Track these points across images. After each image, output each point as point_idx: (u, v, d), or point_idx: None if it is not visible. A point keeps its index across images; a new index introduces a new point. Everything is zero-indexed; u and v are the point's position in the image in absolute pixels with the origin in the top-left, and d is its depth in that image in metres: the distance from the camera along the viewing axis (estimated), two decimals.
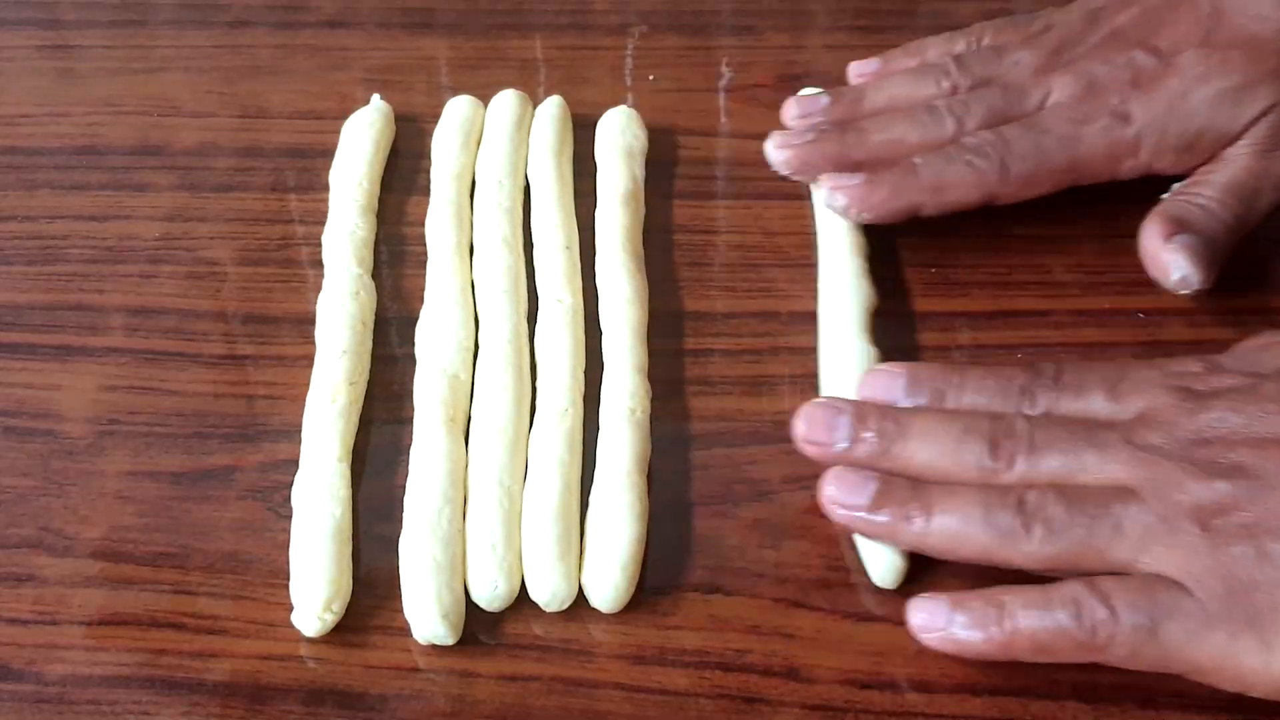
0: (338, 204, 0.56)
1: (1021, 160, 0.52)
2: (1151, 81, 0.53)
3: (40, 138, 0.61)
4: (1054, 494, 0.41)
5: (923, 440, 0.43)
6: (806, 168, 0.54)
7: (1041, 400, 0.44)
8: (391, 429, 0.49)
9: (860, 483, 0.43)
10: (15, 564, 0.46)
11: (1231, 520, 0.39)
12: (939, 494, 0.42)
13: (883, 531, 0.43)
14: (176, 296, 0.54)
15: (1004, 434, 0.42)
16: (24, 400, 0.51)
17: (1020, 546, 0.40)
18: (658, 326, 0.52)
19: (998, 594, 0.40)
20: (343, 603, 0.44)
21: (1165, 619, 0.38)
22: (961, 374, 0.45)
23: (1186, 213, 0.51)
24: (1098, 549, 0.40)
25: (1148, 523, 0.39)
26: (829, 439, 0.44)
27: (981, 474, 0.42)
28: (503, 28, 0.67)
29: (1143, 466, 0.40)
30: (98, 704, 0.42)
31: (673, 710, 0.42)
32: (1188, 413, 0.41)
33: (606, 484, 0.46)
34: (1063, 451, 0.41)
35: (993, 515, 0.41)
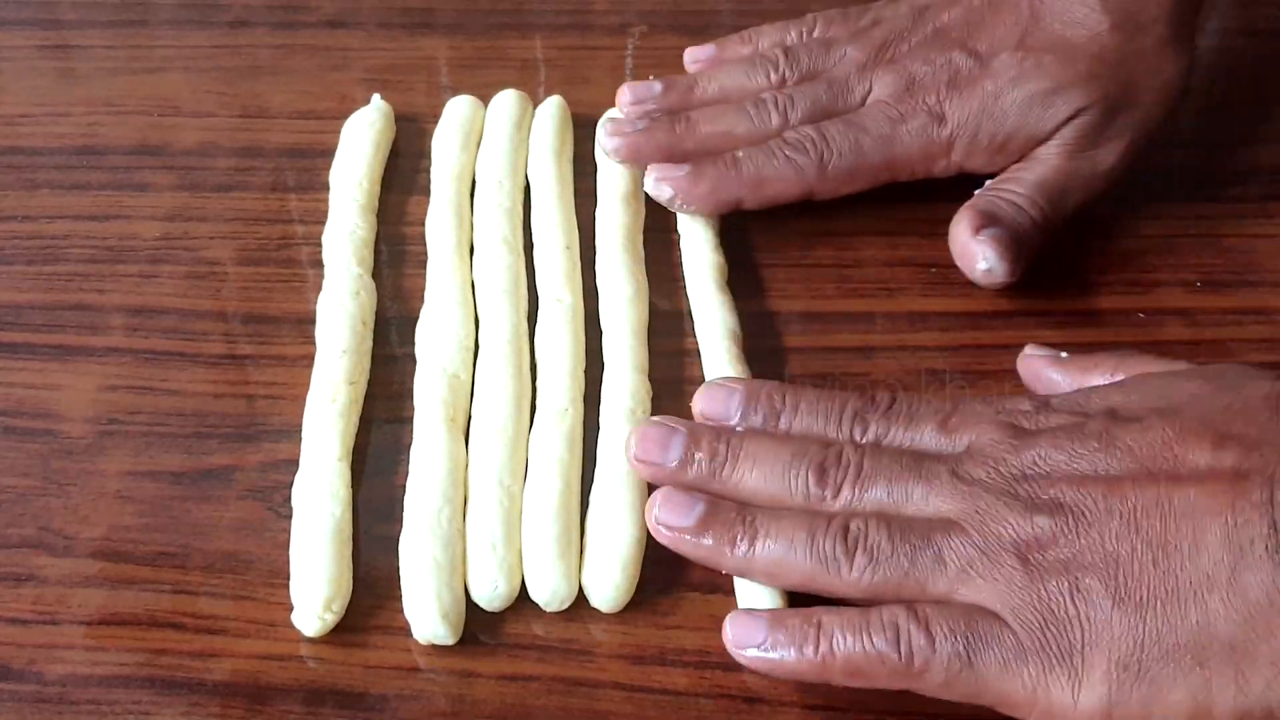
0: (338, 204, 0.56)
1: (839, 157, 0.53)
2: (967, 82, 0.54)
3: (40, 138, 0.61)
4: (877, 523, 0.40)
5: (753, 464, 0.43)
6: (637, 156, 0.55)
7: (873, 428, 0.44)
8: (391, 429, 0.49)
9: (688, 504, 0.43)
10: (15, 564, 0.46)
11: (1049, 555, 0.39)
12: (764, 519, 0.42)
13: (707, 555, 0.42)
14: (176, 296, 0.54)
15: (832, 462, 0.42)
16: (24, 400, 0.51)
17: (843, 575, 0.40)
18: (658, 326, 0.52)
19: (816, 613, 0.40)
20: (343, 603, 0.44)
21: (982, 648, 0.38)
22: (796, 394, 0.45)
23: (996, 208, 0.53)
24: (919, 579, 0.40)
25: (969, 555, 0.39)
26: (661, 458, 0.44)
27: (808, 501, 0.42)
28: (503, 28, 0.67)
29: (966, 499, 0.40)
30: (98, 704, 0.42)
31: (673, 710, 0.42)
32: (1013, 449, 0.41)
33: (606, 484, 0.46)
34: (889, 482, 0.41)
35: (816, 542, 0.41)
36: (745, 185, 0.54)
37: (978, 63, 0.54)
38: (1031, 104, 0.53)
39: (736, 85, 0.57)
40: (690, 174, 0.53)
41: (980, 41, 0.55)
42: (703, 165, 0.54)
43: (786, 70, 0.57)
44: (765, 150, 0.54)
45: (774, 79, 0.57)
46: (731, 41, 0.60)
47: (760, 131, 0.55)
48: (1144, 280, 0.54)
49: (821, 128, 0.54)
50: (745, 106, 0.55)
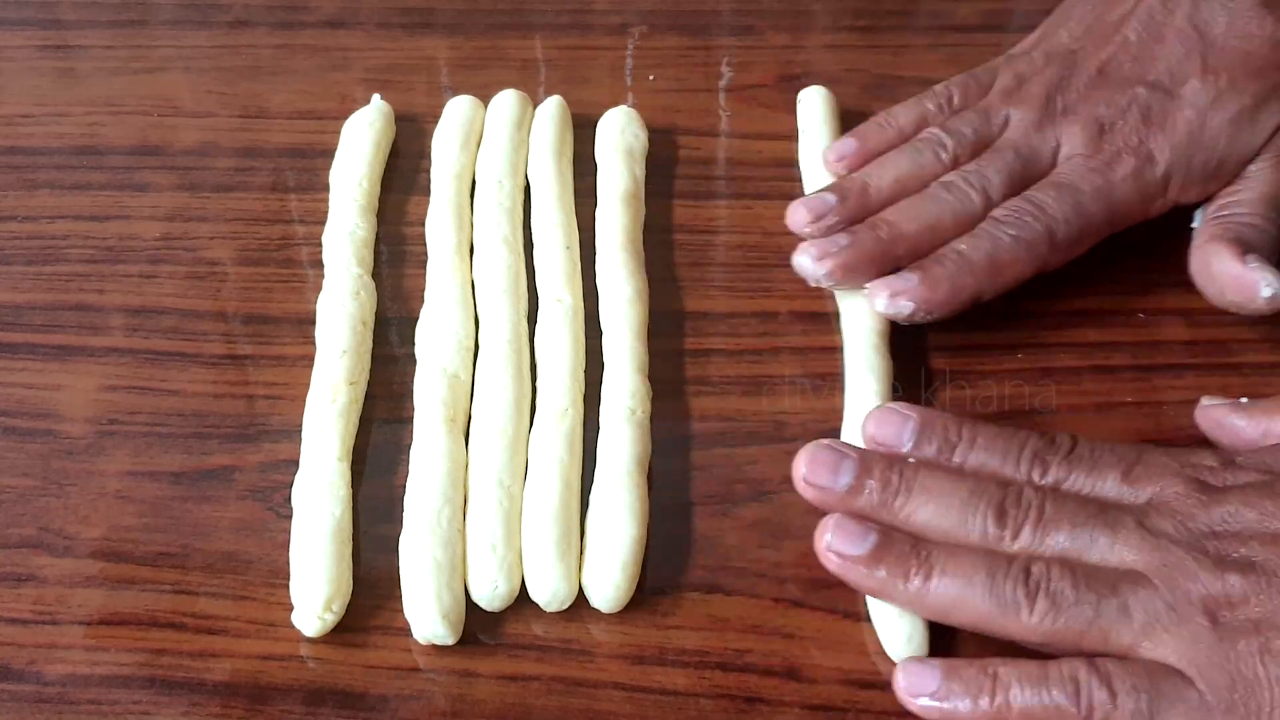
0: (338, 204, 0.56)
1: (1066, 224, 0.51)
2: (1164, 116, 0.52)
3: (40, 138, 0.61)
4: (1060, 569, 0.39)
5: (928, 497, 0.42)
6: (852, 274, 0.51)
7: (1053, 471, 0.42)
8: (391, 429, 0.49)
9: (860, 533, 0.42)
10: (15, 564, 0.46)
11: (1240, 614, 0.38)
12: (941, 555, 0.41)
13: (878, 587, 0.42)
14: (176, 296, 0.54)
15: (1012, 502, 0.41)
16: (24, 400, 0.51)
17: (1022, 618, 0.39)
18: (658, 326, 0.52)
19: (992, 664, 0.39)
20: (343, 603, 0.44)
21: (1166, 708, 0.37)
22: (973, 428, 0.44)
23: (1241, 234, 0.51)
24: (1102, 630, 0.39)
25: (1156, 609, 0.38)
26: (831, 482, 0.43)
27: (985, 540, 0.41)
28: (503, 28, 0.67)
29: (1154, 552, 0.39)
30: (98, 704, 0.42)
31: (673, 710, 0.42)
32: (1202, 504, 0.40)
33: (606, 484, 0.46)
34: (1073, 527, 0.40)
35: (996, 583, 0.40)
36: (981, 277, 0.50)
37: (1166, 95, 0.52)
38: (1239, 123, 0.52)
39: (909, 173, 0.53)
40: (923, 282, 0.50)
41: (1158, 73, 0.53)
42: (930, 269, 0.50)
43: (955, 146, 0.54)
44: (987, 236, 0.51)
45: (945, 158, 0.53)
46: (870, 130, 0.56)
47: (966, 214, 0.52)
48: (1144, 280, 0.54)
49: (1030, 197, 0.51)
50: (938, 193, 0.52)
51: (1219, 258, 0.50)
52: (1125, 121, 0.52)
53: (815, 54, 0.65)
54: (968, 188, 0.52)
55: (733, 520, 0.47)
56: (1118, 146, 0.52)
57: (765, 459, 0.48)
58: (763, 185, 0.58)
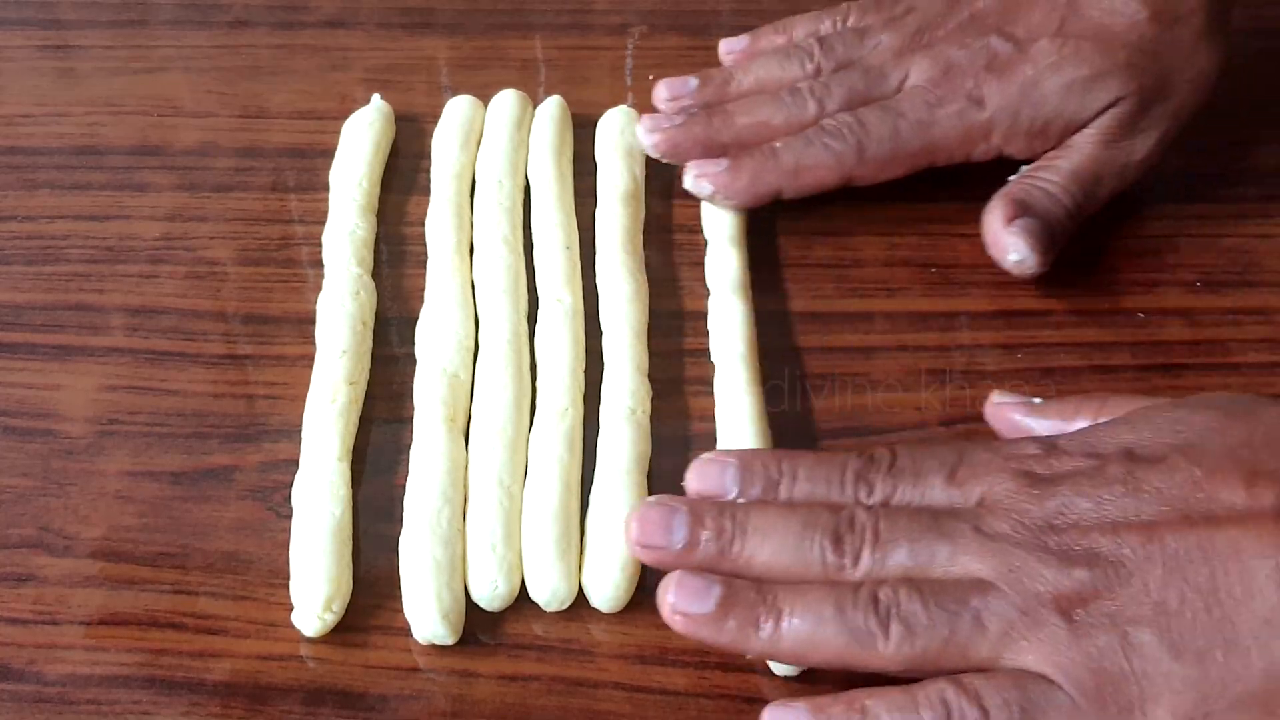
0: (338, 204, 0.56)
1: (878, 143, 0.54)
2: (1006, 67, 0.54)
3: (40, 138, 0.61)
4: (908, 590, 0.38)
5: (763, 538, 0.40)
6: (676, 151, 0.56)
7: (879, 488, 0.41)
8: (391, 429, 0.49)
9: (704, 588, 0.40)
10: (15, 564, 0.46)
11: (1094, 610, 0.37)
12: (787, 596, 0.39)
13: (730, 641, 0.40)
14: (176, 296, 0.54)
15: (845, 527, 0.40)
16: (24, 400, 0.51)
17: (879, 649, 0.38)
18: (658, 326, 0.52)
19: (858, 697, 0.38)
20: (343, 602, 0.44)
21: (1039, 716, 0.36)
22: (793, 459, 0.43)
23: (1029, 196, 0.53)
24: (960, 646, 0.38)
25: (1009, 616, 0.37)
26: (665, 541, 0.41)
27: (826, 571, 0.40)
28: (503, 28, 0.67)
29: (996, 556, 0.38)
30: (98, 704, 0.42)
31: (673, 710, 0.42)
32: (1034, 498, 0.39)
33: (606, 484, 0.46)
34: (910, 543, 0.39)
35: (847, 615, 0.38)
36: (784, 175, 0.54)
37: (1016, 48, 0.54)
38: (1071, 90, 0.53)
39: (772, 76, 0.58)
40: (729, 168, 0.54)
41: (1018, 27, 0.55)
42: (740, 158, 0.54)
43: (821, 59, 0.57)
44: (803, 139, 0.54)
45: (809, 68, 0.57)
46: (765, 32, 0.61)
47: (797, 120, 0.55)
48: (1144, 280, 0.54)
49: (858, 114, 0.54)
50: (781, 96, 0.56)
51: (991, 214, 0.53)
52: (971, 65, 0.54)
53: None
54: (808, 96, 0.55)
55: None
56: (954, 87, 0.54)
57: None
58: None
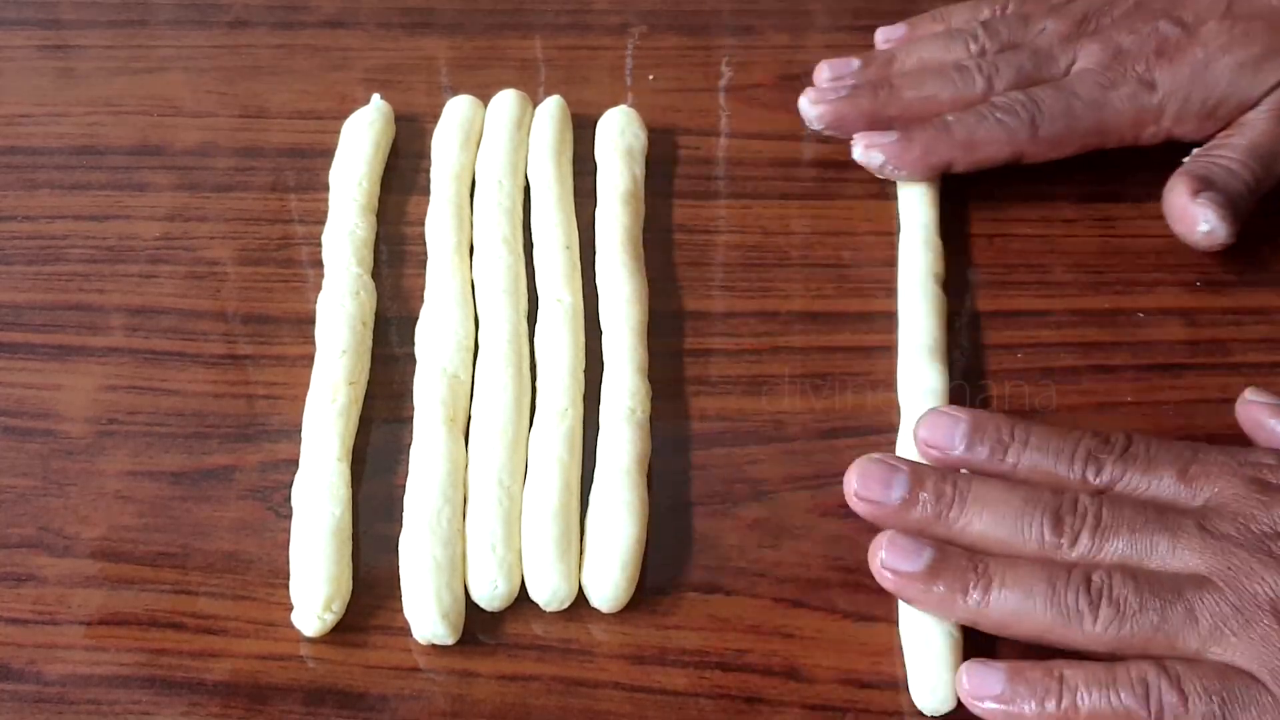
0: (338, 204, 0.56)
1: (1051, 120, 0.54)
2: (1176, 50, 0.54)
3: (40, 138, 0.61)
4: (1122, 575, 0.39)
5: (982, 507, 0.41)
6: (841, 122, 0.56)
7: (1108, 470, 0.42)
8: (391, 429, 0.49)
9: (915, 549, 0.41)
10: (15, 564, 0.46)
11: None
12: (999, 566, 0.40)
13: (937, 603, 0.41)
14: (176, 296, 0.54)
15: (1068, 509, 0.41)
16: (24, 400, 0.51)
17: (1085, 628, 0.39)
18: (658, 326, 0.52)
19: (1058, 666, 0.39)
20: (343, 602, 0.44)
21: (1239, 710, 0.37)
22: (1026, 428, 0.43)
23: (1210, 172, 0.53)
24: (1168, 635, 0.38)
25: (1222, 612, 0.38)
26: (883, 496, 0.43)
27: (1042, 549, 0.41)
28: (503, 28, 0.67)
29: (1217, 555, 0.39)
30: (98, 704, 0.42)
31: (673, 710, 0.42)
32: (1262, 505, 0.40)
33: (606, 484, 0.46)
34: (1131, 533, 0.40)
35: (1057, 593, 0.39)
36: (957, 147, 0.54)
37: (1185, 31, 0.55)
38: (1242, 70, 0.54)
39: (935, 57, 0.57)
40: (901, 139, 0.54)
41: (1185, 11, 0.55)
42: (912, 130, 0.54)
43: (986, 41, 0.57)
44: (975, 113, 0.54)
45: (974, 49, 0.57)
46: (924, 20, 0.61)
47: (965, 97, 0.55)
48: (1144, 280, 0.54)
49: (1030, 92, 0.55)
50: (949, 72, 0.56)
51: (1175, 190, 0.53)
52: (1140, 49, 0.55)
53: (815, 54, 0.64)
54: (976, 73, 0.56)
55: (733, 520, 0.47)
56: (1125, 69, 0.54)
57: (765, 459, 0.48)
58: (763, 185, 0.58)
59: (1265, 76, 0.54)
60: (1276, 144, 0.54)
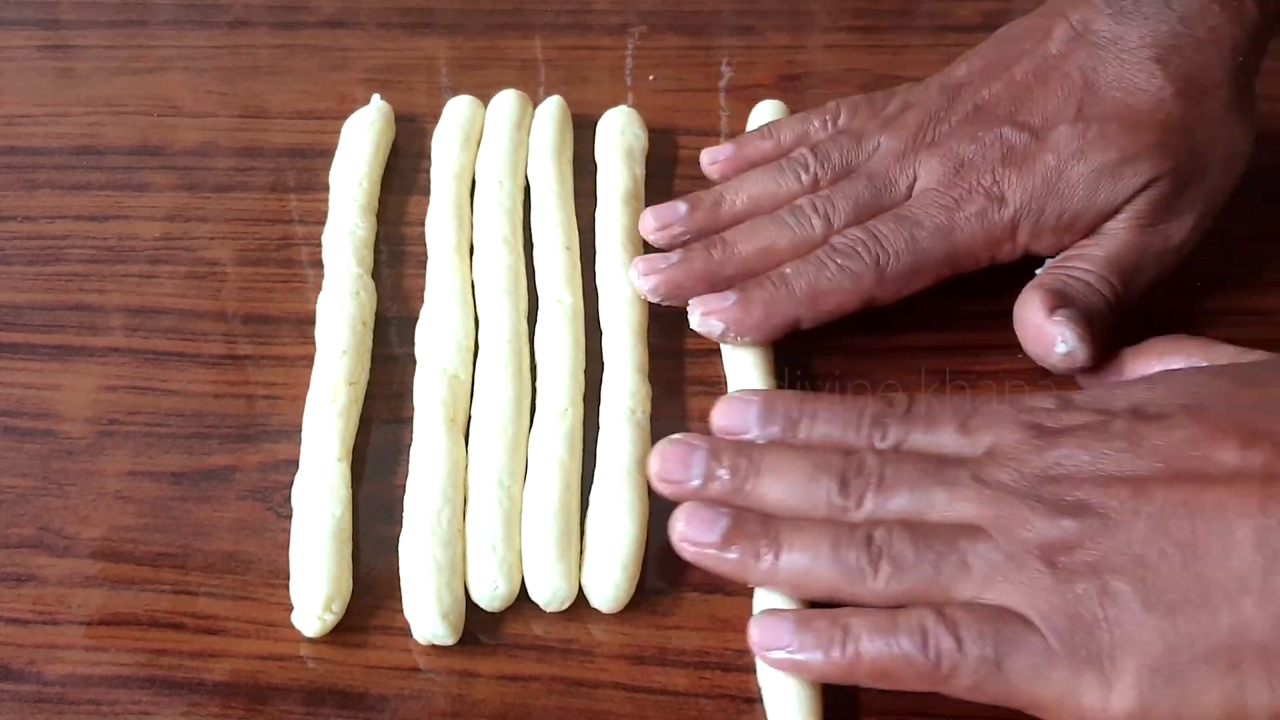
0: (338, 204, 0.56)
1: (897, 258, 0.50)
2: (1024, 158, 0.50)
3: (40, 138, 0.61)
4: (901, 531, 0.40)
5: (775, 477, 0.42)
6: (678, 291, 0.51)
7: (892, 432, 0.43)
8: (391, 429, 0.49)
9: (711, 519, 0.42)
10: (15, 564, 0.46)
11: (1076, 558, 0.38)
12: (788, 530, 0.41)
13: (732, 569, 0.42)
14: (176, 296, 0.54)
15: (854, 471, 0.42)
16: (24, 400, 0.51)
17: (868, 584, 0.40)
18: (658, 326, 0.52)
19: (844, 616, 0.40)
20: (343, 603, 0.44)
21: (1011, 652, 0.38)
22: (814, 402, 0.44)
23: (1067, 286, 0.49)
24: (944, 586, 0.39)
25: (994, 560, 0.39)
26: (684, 476, 0.43)
27: (831, 511, 0.42)
28: (503, 28, 0.67)
29: (990, 504, 0.40)
30: (98, 704, 0.42)
31: (673, 710, 0.42)
32: (1036, 449, 0.40)
33: (606, 484, 0.46)
34: (911, 489, 0.41)
35: (840, 553, 0.40)
36: (800, 303, 0.49)
37: (1033, 137, 0.50)
38: (1100, 177, 0.49)
39: (766, 192, 0.53)
40: (739, 303, 0.49)
41: (1031, 115, 0.51)
42: (750, 290, 0.49)
43: (818, 169, 0.53)
44: (815, 262, 0.50)
45: (805, 180, 0.53)
46: (751, 138, 0.56)
47: (804, 240, 0.51)
48: None
49: (870, 228, 0.50)
50: (782, 216, 0.51)
51: (1028, 307, 0.49)
52: (984, 159, 0.50)
53: (815, 54, 0.65)
54: (812, 213, 0.51)
55: None
56: (970, 185, 0.50)
57: None
58: None
59: (1126, 182, 0.49)
60: (1139, 255, 0.50)
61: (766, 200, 0.53)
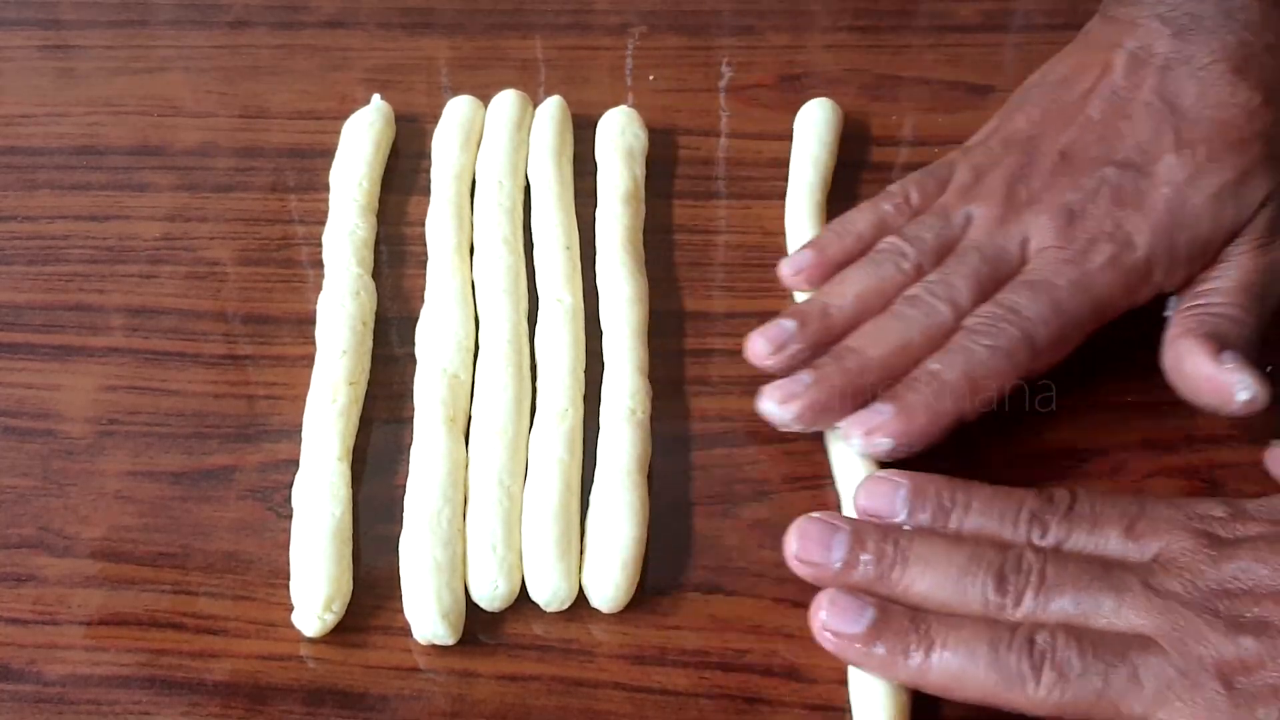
0: (338, 204, 0.56)
1: (1045, 325, 0.47)
2: (1139, 197, 0.48)
3: (40, 138, 0.61)
4: (1066, 637, 0.38)
5: (925, 567, 0.40)
6: (824, 413, 0.47)
7: (1053, 530, 0.41)
8: (391, 429, 0.49)
9: (857, 609, 0.40)
10: (15, 564, 0.46)
11: (1256, 679, 0.37)
12: (941, 627, 0.39)
13: (878, 665, 0.40)
14: (176, 296, 0.54)
15: (1012, 568, 0.40)
16: (24, 400, 0.51)
17: (1028, 691, 0.38)
18: (658, 326, 0.52)
19: None
20: (343, 603, 0.44)
21: None
22: (967, 491, 0.42)
23: (1218, 327, 0.47)
24: (1112, 700, 0.37)
25: (1168, 676, 0.37)
26: (824, 559, 0.41)
27: (986, 608, 0.40)
28: (503, 28, 0.67)
29: (1163, 615, 0.38)
30: (98, 704, 0.42)
31: (673, 710, 0.42)
32: (1210, 560, 0.39)
33: (606, 484, 0.46)
34: (1076, 591, 0.39)
35: (1000, 655, 0.38)
36: (960, 398, 0.46)
37: (1139, 174, 0.48)
38: (1222, 199, 0.48)
39: (870, 289, 0.49)
40: (899, 414, 0.45)
41: (1128, 151, 0.49)
42: (904, 398, 0.46)
43: (916, 255, 0.49)
44: (961, 351, 0.46)
45: (907, 268, 0.49)
46: (828, 240, 0.51)
47: (936, 329, 0.47)
48: None
49: (1003, 302, 0.47)
50: (904, 311, 0.48)
51: (1192, 356, 0.46)
52: (1096, 205, 0.48)
53: (815, 54, 0.65)
54: (934, 299, 0.48)
55: (733, 520, 0.47)
56: (1091, 233, 0.48)
57: (765, 459, 0.48)
58: (763, 185, 0.58)
59: (1246, 201, 0.48)
60: (1265, 275, 0.48)
61: (873, 297, 0.49)
